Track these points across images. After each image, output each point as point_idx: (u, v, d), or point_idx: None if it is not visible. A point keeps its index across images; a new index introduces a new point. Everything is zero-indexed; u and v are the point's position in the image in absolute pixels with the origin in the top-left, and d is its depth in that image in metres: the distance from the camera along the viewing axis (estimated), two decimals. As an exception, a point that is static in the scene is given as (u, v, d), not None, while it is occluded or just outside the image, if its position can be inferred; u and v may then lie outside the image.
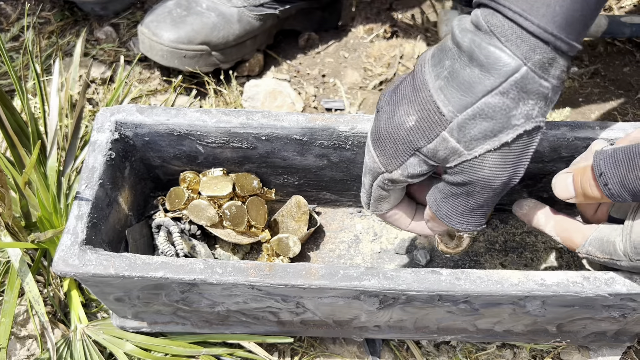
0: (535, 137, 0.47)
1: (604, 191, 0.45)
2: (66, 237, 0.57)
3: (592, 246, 0.50)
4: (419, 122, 0.47)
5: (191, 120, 0.64)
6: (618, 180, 0.44)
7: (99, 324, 0.71)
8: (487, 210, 0.51)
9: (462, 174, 0.48)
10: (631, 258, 0.47)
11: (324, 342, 0.74)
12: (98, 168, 0.61)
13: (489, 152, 0.46)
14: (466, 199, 0.49)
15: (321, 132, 0.65)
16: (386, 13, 1.12)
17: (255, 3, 0.96)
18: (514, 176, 0.48)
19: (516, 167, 0.47)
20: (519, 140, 0.46)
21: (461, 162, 0.47)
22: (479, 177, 0.47)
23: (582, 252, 0.51)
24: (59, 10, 1.09)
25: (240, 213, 0.70)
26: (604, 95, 0.99)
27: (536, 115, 0.45)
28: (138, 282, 0.57)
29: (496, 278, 0.54)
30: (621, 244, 0.48)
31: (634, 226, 0.46)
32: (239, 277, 0.54)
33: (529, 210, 0.56)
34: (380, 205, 0.57)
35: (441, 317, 0.63)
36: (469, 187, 0.48)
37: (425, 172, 0.50)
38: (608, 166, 0.44)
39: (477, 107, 0.45)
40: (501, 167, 0.47)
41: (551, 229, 0.54)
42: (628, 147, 0.44)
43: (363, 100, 0.99)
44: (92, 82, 0.99)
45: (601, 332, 0.67)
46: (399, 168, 0.51)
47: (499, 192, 0.49)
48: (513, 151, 0.46)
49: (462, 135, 0.46)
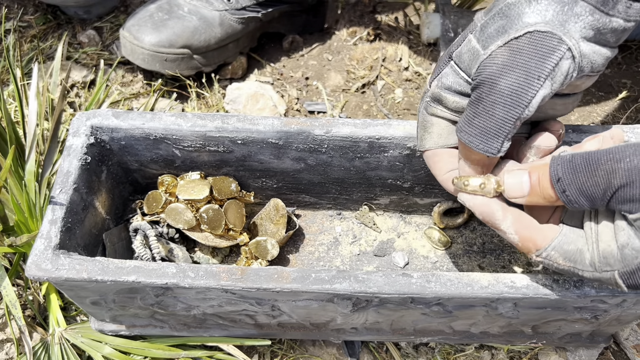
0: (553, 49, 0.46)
1: (561, 197, 0.44)
2: (39, 241, 0.57)
3: (555, 251, 0.47)
4: (460, 35, 0.53)
5: (166, 125, 0.65)
6: (576, 187, 0.43)
7: (78, 327, 0.72)
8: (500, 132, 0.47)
9: (477, 77, 0.49)
10: (598, 269, 0.45)
11: (303, 344, 0.74)
12: (73, 172, 0.61)
13: (499, 47, 0.47)
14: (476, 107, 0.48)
15: (296, 135, 0.65)
16: (369, 16, 1.13)
17: (237, 6, 0.96)
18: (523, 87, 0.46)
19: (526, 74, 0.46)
20: (527, 38, 0.46)
21: (478, 65, 0.49)
22: (487, 75, 0.47)
23: (542, 256, 0.47)
24: (42, 14, 1.09)
25: (218, 216, 0.70)
26: (585, 97, 1.00)
27: (550, 20, 0.46)
28: (112, 286, 0.57)
29: (466, 281, 0.54)
30: (588, 253, 0.45)
31: (599, 234, 0.45)
32: (211, 281, 0.55)
33: (484, 201, 0.49)
34: (424, 138, 0.56)
35: (416, 319, 0.64)
36: (479, 91, 0.48)
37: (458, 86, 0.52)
38: (566, 172, 0.43)
39: (498, 9, 0.48)
40: (508, 65, 0.46)
41: (509, 225, 0.48)
42: (587, 154, 0.43)
43: (345, 103, 0.99)
44: (74, 86, 0.99)
45: (576, 334, 0.68)
46: (436, 79, 0.54)
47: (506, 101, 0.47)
48: (522, 50, 0.46)
49: (482, 34, 0.49)
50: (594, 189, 0.42)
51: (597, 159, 0.42)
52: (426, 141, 0.56)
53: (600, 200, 0.42)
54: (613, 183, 0.41)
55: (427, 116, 0.55)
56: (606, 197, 0.42)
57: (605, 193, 0.42)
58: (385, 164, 0.69)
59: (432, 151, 0.56)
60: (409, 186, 0.73)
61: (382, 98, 1.00)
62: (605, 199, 0.42)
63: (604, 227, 0.45)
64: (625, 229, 0.43)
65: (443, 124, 0.55)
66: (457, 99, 0.52)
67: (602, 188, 0.42)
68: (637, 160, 0.40)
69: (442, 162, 0.55)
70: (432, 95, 0.54)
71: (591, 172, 0.42)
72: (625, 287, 0.44)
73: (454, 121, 0.55)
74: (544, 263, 0.48)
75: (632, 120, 0.95)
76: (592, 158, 0.42)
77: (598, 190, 0.42)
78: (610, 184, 0.41)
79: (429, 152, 0.56)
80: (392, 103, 0.99)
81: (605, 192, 0.41)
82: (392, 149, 0.66)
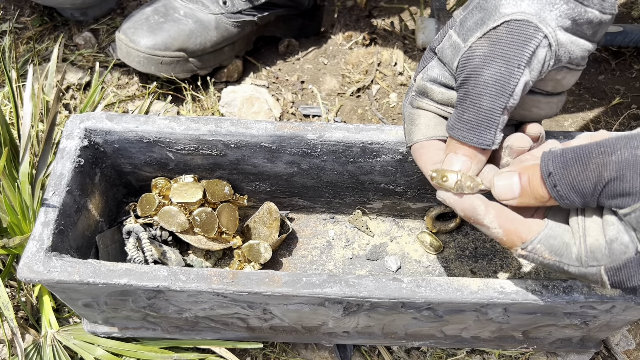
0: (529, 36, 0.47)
1: (551, 193, 0.43)
2: (32, 243, 0.57)
3: (541, 244, 0.46)
4: (441, 30, 0.54)
5: (160, 128, 0.65)
6: (567, 181, 0.42)
7: (70, 329, 0.72)
8: (491, 124, 0.48)
9: (461, 71, 0.49)
10: (584, 263, 0.44)
11: (295, 347, 0.75)
12: (66, 175, 0.62)
13: (479, 39, 0.49)
14: (464, 102, 0.49)
15: (289, 139, 0.66)
16: (365, 20, 1.13)
17: (233, 10, 0.97)
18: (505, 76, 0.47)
19: (507, 63, 0.47)
20: (505, 27, 0.47)
21: (460, 57, 0.50)
22: (471, 69, 0.48)
23: (527, 249, 0.46)
24: (39, 16, 1.09)
25: (211, 219, 0.70)
26: (579, 103, 1.00)
27: (525, 9, 0.47)
28: (104, 289, 0.57)
29: (456, 286, 0.55)
30: (575, 247, 0.45)
31: (587, 229, 0.44)
32: (202, 284, 0.55)
33: (464, 197, 0.48)
34: (412, 132, 0.56)
35: (408, 324, 0.64)
36: (465, 86, 0.49)
37: (443, 79, 0.53)
38: (557, 167, 0.43)
39: (476, 2, 0.50)
40: (489, 56, 0.47)
41: (492, 219, 0.47)
42: (578, 148, 0.42)
43: (340, 107, 1.00)
44: (69, 88, 0.99)
45: (567, 339, 0.68)
46: (421, 72, 0.55)
47: (491, 91, 0.47)
48: (500, 40, 0.47)
49: (462, 28, 0.50)
50: (585, 183, 0.41)
51: (589, 152, 0.41)
52: (414, 134, 0.56)
53: (591, 195, 0.42)
54: (604, 176, 0.40)
55: (413, 109, 0.56)
56: (597, 192, 0.41)
57: (595, 187, 0.41)
58: (378, 168, 0.69)
59: (419, 143, 0.55)
60: (401, 190, 0.74)
61: (376, 102, 1.00)
62: (596, 193, 0.41)
63: (592, 222, 0.44)
64: (614, 224, 0.42)
65: (430, 115, 0.56)
66: (443, 90, 0.54)
67: (593, 182, 0.41)
68: (627, 153, 0.39)
69: (429, 154, 0.54)
70: (418, 88, 0.55)
71: (582, 165, 0.41)
72: (609, 284, 0.44)
73: (439, 114, 0.55)
74: (529, 257, 0.47)
75: (625, 127, 0.96)
76: (584, 151, 0.42)
77: (589, 184, 0.41)
78: (601, 178, 0.41)
79: (417, 145, 0.56)
80: (386, 107, 0.99)
81: (596, 186, 0.41)
82: (384, 153, 0.67)
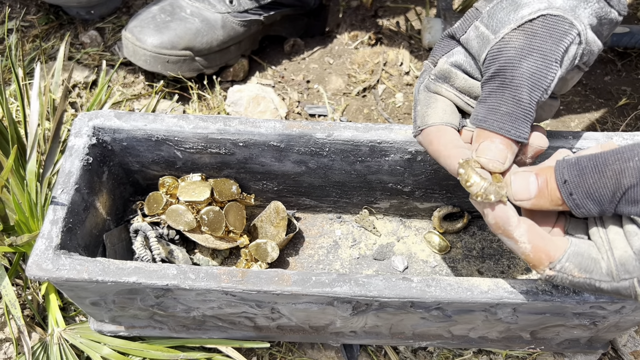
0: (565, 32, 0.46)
1: (567, 202, 0.43)
2: (40, 241, 0.57)
3: (569, 262, 0.44)
4: (462, 20, 0.53)
5: (168, 126, 0.65)
6: (584, 189, 0.41)
7: (77, 327, 0.72)
8: (527, 117, 0.47)
9: (492, 63, 0.48)
10: (615, 277, 0.43)
11: (302, 347, 0.75)
12: (75, 173, 0.62)
13: (513, 30, 0.48)
14: (500, 94, 0.47)
15: (298, 138, 0.65)
16: (371, 20, 1.13)
17: (240, 9, 0.97)
18: (542, 70, 0.46)
19: (544, 57, 0.46)
20: (541, 21, 0.47)
21: (490, 49, 0.49)
22: (505, 60, 0.47)
23: (556, 269, 0.45)
24: (45, 14, 1.09)
25: (218, 218, 0.70)
26: (585, 103, 1.00)
27: (561, 5, 0.47)
28: (112, 287, 0.57)
29: (466, 285, 0.55)
30: (603, 262, 0.43)
31: (612, 242, 0.43)
32: (211, 283, 0.55)
33: (499, 205, 0.46)
34: (427, 115, 0.53)
35: (416, 323, 0.64)
36: (500, 78, 0.48)
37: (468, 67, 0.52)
38: (572, 174, 0.42)
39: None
40: (526, 49, 0.47)
41: (522, 233, 0.45)
42: (593, 155, 0.42)
43: (346, 107, 0.99)
44: (76, 86, 0.99)
45: (574, 339, 0.68)
46: (445, 55, 0.54)
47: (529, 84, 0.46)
48: (537, 33, 0.47)
49: (491, 20, 0.49)
50: (603, 190, 0.41)
51: (605, 159, 0.41)
52: (429, 117, 0.53)
53: (609, 203, 0.41)
54: (622, 183, 0.40)
55: (430, 94, 0.54)
56: (615, 199, 0.41)
57: (614, 195, 0.40)
58: (386, 168, 0.69)
59: (435, 127, 0.52)
60: (409, 190, 0.73)
61: (382, 102, 1.00)
62: (615, 201, 0.41)
63: (615, 235, 0.43)
64: (638, 234, 0.41)
65: (447, 102, 0.54)
66: (467, 77, 0.53)
67: (611, 189, 0.40)
68: None
69: (448, 136, 0.51)
70: (440, 72, 0.54)
71: (599, 172, 0.41)
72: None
73: (456, 103, 0.54)
74: (557, 277, 0.45)
75: (632, 128, 0.95)
76: (599, 159, 0.41)
77: (607, 192, 0.41)
78: (620, 185, 0.40)
79: (433, 128, 0.52)
80: (392, 107, 0.99)
81: (615, 194, 0.40)
82: (393, 153, 0.67)
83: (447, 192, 0.74)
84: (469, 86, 0.53)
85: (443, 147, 0.51)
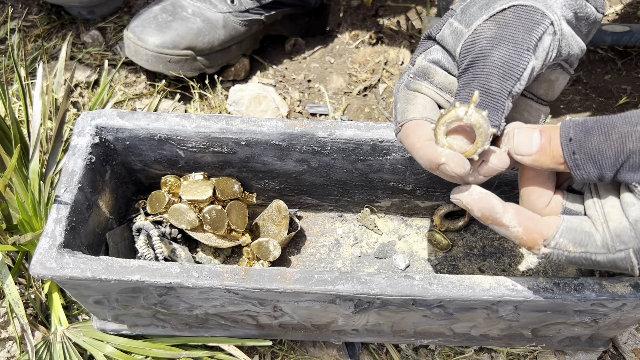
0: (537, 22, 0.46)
1: (568, 161, 0.42)
2: (44, 240, 0.57)
3: (563, 237, 0.44)
4: (439, 21, 0.53)
5: (171, 125, 0.65)
6: (587, 150, 0.41)
7: (80, 326, 0.72)
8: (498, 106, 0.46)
9: (466, 55, 0.48)
10: (611, 249, 0.43)
11: (304, 345, 0.75)
12: (78, 172, 0.62)
13: (485, 22, 0.47)
14: (474, 84, 0.46)
15: (300, 137, 0.66)
16: (372, 19, 1.14)
17: (241, 9, 0.97)
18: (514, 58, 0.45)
19: (515, 46, 0.45)
20: (512, 11, 0.46)
21: (464, 42, 0.48)
22: (478, 51, 0.47)
23: (551, 245, 0.45)
24: (46, 14, 1.09)
25: (220, 217, 0.71)
26: (585, 102, 1.00)
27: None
28: (116, 285, 0.57)
29: (468, 283, 0.55)
30: (598, 235, 0.43)
31: (607, 215, 0.43)
32: (214, 281, 0.55)
33: (481, 196, 0.46)
34: (407, 110, 0.52)
35: (417, 321, 0.64)
36: (472, 69, 0.47)
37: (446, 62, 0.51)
38: (578, 133, 0.41)
39: None
40: (497, 38, 0.46)
41: (511, 217, 0.45)
42: (601, 118, 0.41)
43: (347, 106, 1.00)
44: (77, 86, 1.00)
45: (575, 337, 0.68)
46: (423, 53, 0.53)
47: (500, 72, 0.45)
48: (508, 23, 0.46)
49: (464, 15, 0.50)
50: (606, 152, 0.40)
51: (612, 122, 0.41)
52: (409, 113, 0.52)
53: (611, 167, 0.41)
54: (627, 147, 0.40)
55: (410, 92, 0.53)
56: (617, 164, 0.40)
57: (617, 158, 0.40)
58: (387, 166, 0.70)
59: (415, 121, 0.51)
60: (410, 189, 0.74)
61: (383, 101, 1.00)
62: (616, 165, 0.40)
63: (610, 207, 0.43)
64: (635, 204, 0.41)
65: (427, 99, 0.53)
66: (446, 73, 0.52)
67: (615, 152, 0.40)
68: None
69: (425, 129, 0.50)
70: (419, 69, 0.53)
71: (605, 134, 0.40)
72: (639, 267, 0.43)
73: (436, 100, 0.53)
74: (553, 255, 0.45)
75: (632, 126, 0.96)
76: (607, 120, 0.41)
77: (610, 154, 0.40)
78: (624, 148, 0.40)
79: (412, 123, 0.51)
80: (393, 106, 0.99)
81: (617, 157, 0.40)
82: (394, 151, 0.67)
83: (449, 190, 0.74)
84: (449, 82, 0.52)
85: (417, 139, 0.49)
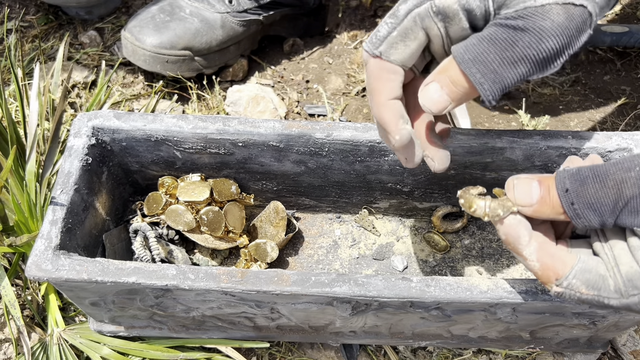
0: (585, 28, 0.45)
1: (568, 212, 0.42)
2: (40, 241, 0.57)
3: (577, 279, 0.43)
4: None
5: (168, 126, 0.65)
6: (585, 199, 0.41)
7: (76, 327, 0.72)
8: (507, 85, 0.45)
9: (521, 19, 0.44)
10: (624, 294, 0.42)
11: (302, 346, 0.75)
12: (74, 173, 0.62)
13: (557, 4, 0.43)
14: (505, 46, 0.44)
15: (297, 138, 0.65)
16: (370, 20, 1.13)
17: (239, 9, 0.97)
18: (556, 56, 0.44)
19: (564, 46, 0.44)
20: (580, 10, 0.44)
21: (525, 7, 0.44)
22: (537, 26, 0.43)
23: (563, 285, 0.44)
24: (44, 14, 1.09)
25: (218, 218, 0.70)
26: (584, 103, 1.00)
27: None
28: (112, 287, 0.57)
29: (465, 285, 0.55)
30: (610, 279, 0.43)
31: (617, 258, 0.42)
32: (211, 283, 0.55)
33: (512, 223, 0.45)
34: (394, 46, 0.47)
35: (415, 323, 0.64)
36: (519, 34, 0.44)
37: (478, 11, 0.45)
38: (574, 184, 0.42)
39: None
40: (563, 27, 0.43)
41: (532, 251, 0.45)
42: (595, 166, 0.42)
43: (346, 106, 0.99)
44: (75, 87, 0.99)
45: (574, 339, 0.68)
46: None
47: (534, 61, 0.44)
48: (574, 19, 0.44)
49: None
50: (604, 200, 0.41)
51: (606, 170, 0.41)
52: (394, 51, 0.47)
53: (610, 213, 0.41)
54: (624, 193, 0.40)
55: (417, 27, 0.47)
56: (617, 210, 0.40)
57: (615, 205, 0.40)
58: (385, 167, 0.69)
59: (391, 65, 0.47)
60: (408, 190, 0.73)
61: (382, 102, 1.00)
62: (616, 211, 0.41)
63: (620, 250, 0.43)
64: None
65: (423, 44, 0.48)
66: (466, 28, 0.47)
67: (613, 199, 0.40)
68: None
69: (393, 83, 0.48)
70: (443, 8, 0.46)
71: (600, 182, 0.41)
72: None
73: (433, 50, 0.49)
74: (565, 294, 0.44)
75: (631, 127, 0.95)
76: (601, 169, 0.41)
77: (608, 202, 0.41)
78: (621, 195, 0.40)
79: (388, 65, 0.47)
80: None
81: (616, 204, 0.40)
82: (392, 153, 0.67)
83: (447, 191, 0.74)
84: (461, 37, 0.47)
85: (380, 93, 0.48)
